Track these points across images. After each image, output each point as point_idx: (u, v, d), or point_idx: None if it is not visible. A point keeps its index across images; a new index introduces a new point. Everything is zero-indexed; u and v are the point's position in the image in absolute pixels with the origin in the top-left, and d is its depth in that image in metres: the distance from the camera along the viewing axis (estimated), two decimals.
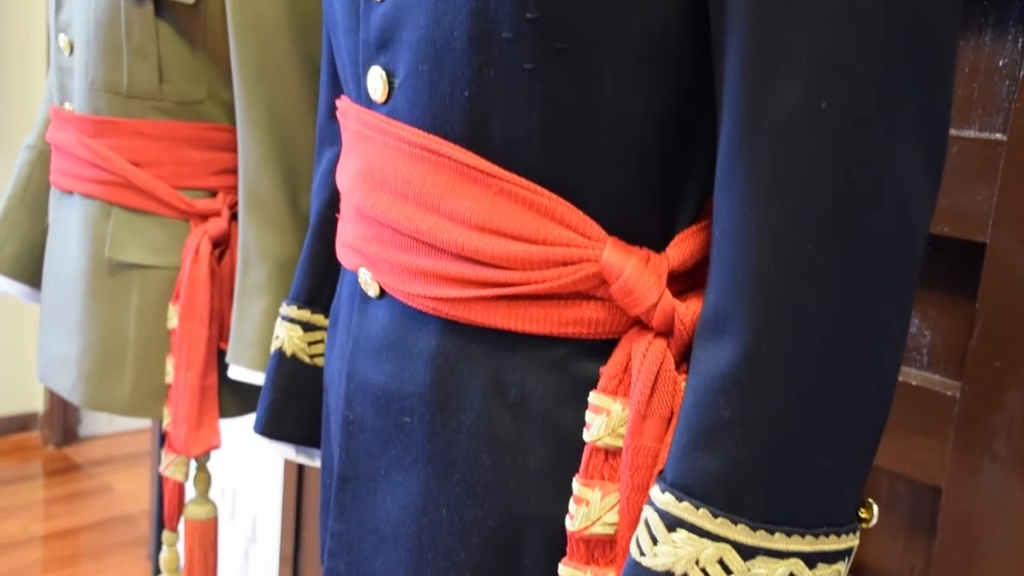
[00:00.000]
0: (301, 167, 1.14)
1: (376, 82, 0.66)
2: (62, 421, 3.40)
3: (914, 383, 0.93)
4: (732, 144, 0.54)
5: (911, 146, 0.54)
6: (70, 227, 1.27)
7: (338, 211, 0.88)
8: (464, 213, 0.62)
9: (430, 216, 0.63)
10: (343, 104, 0.73)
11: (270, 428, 0.92)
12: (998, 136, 0.87)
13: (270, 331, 1.14)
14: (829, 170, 0.52)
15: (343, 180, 0.71)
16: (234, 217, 1.23)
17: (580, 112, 0.59)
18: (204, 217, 1.22)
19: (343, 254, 0.73)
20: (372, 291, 0.70)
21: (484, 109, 0.60)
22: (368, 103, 0.67)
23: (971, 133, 0.89)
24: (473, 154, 0.61)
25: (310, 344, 0.91)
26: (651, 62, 0.58)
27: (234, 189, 1.23)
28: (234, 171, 1.22)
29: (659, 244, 0.63)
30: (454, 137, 0.62)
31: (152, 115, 1.19)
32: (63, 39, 1.24)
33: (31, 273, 1.44)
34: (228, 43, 1.16)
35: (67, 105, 1.26)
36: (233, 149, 1.21)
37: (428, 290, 0.64)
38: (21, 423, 3.46)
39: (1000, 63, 0.88)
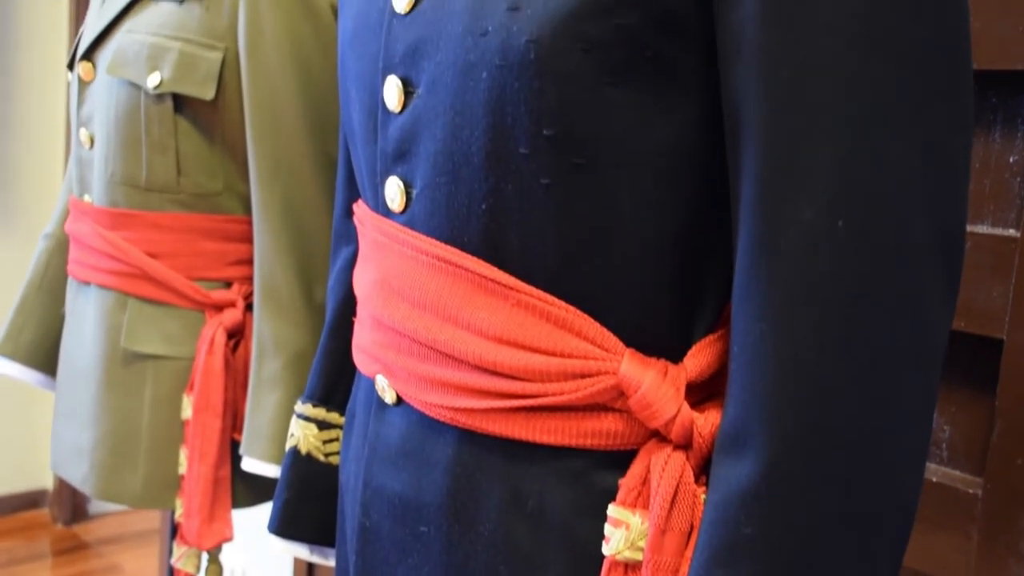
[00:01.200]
0: (316, 259, 1.15)
1: (394, 192, 0.66)
2: (71, 499, 3.37)
3: (935, 479, 0.92)
4: (749, 261, 0.54)
5: (928, 259, 0.54)
6: (86, 317, 1.28)
7: (354, 311, 0.88)
8: (482, 324, 0.62)
9: (448, 327, 0.63)
10: (360, 211, 0.73)
11: (284, 528, 0.92)
12: (1011, 232, 0.87)
13: (284, 423, 1.14)
14: (846, 288, 0.52)
15: (360, 287, 0.72)
16: (249, 308, 1.24)
17: (597, 226, 0.59)
18: (219, 308, 1.23)
19: (360, 359, 0.73)
20: (389, 398, 0.69)
21: (501, 222, 0.61)
22: (385, 212, 0.68)
23: (984, 228, 0.89)
24: (490, 266, 0.62)
25: (325, 443, 0.90)
26: (667, 177, 0.59)
27: (249, 280, 1.24)
28: (249, 262, 1.23)
29: (677, 353, 0.63)
30: (471, 248, 0.62)
31: (169, 207, 1.20)
32: (84, 133, 1.26)
33: (47, 361, 1.45)
34: (245, 137, 1.17)
35: (86, 197, 1.27)
36: (249, 240, 1.23)
37: (446, 400, 0.64)
38: (30, 500, 3.44)
39: (1011, 160, 0.88)
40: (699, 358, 0.62)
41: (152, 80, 1.15)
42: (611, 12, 0.55)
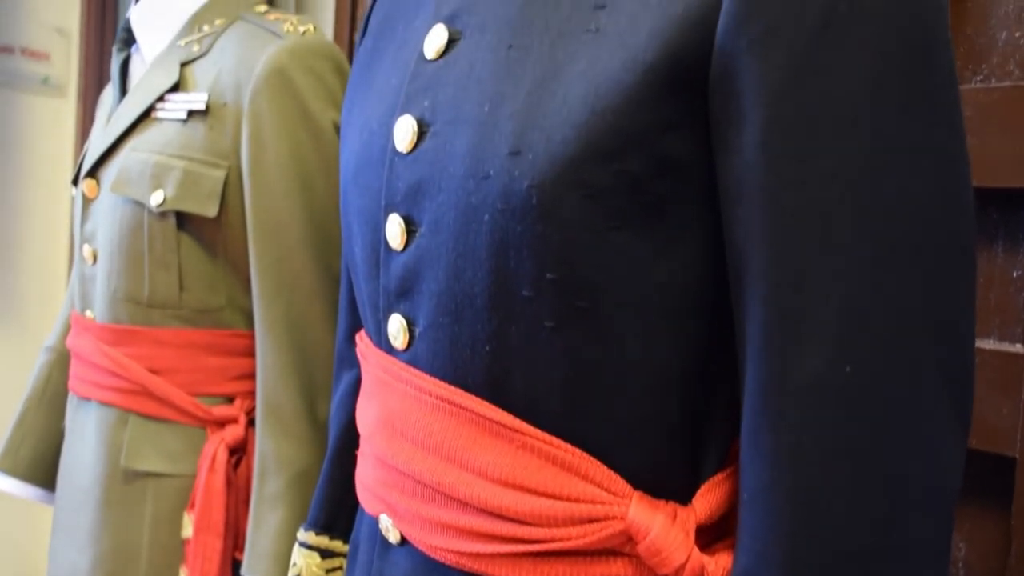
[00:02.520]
0: (319, 376, 1.14)
1: (396, 329, 0.66)
2: None
3: None
4: (757, 407, 0.54)
5: (938, 399, 0.53)
6: (86, 434, 1.27)
7: (356, 437, 0.87)
8: (487, 467, 0.61)
9: (452, 469, 0.62)
10: (363, 344, 0.73)
11: None
12: (1017, 348, 0.87)
13: (286, 542, 1.12)
14: (857, 435, 0.52)
15: (363, 424, 0.71)
16: (251, 423, 1.22)
17: (602, 368, 0.59)
18: (221, 424, 1.21)
19: (363, 496, 0.72)
20: (393, 538, 0.68)
21: (505, 364, 0.60)
22: (388, 348, 0.68)
23: (990, 344, 0.89)
24: (495, 407, 0.61)
25: (328, 572, 0.88)
26: (672, 317, 0.59)
27: (252, 394, 1.23)
28: (252, 376, 1.22)
29: (685, 493, 0.62)
30: (476, 389, 0.62)
31: (172, 323, 1.20)
32: (87, 249, 1.27)
33: (46, 476, 1.43)
34: (248, 252, 1.18)
35: (88, 313, 1.27)
36: (251, 354, 1.22)
37: (451, 543, 0.63)
38: None
39: (1014, 275, 0.88)
40: (708, 499, 0.61)
41: (155, 198, 1.16)
42: (612, 158, 0.56)
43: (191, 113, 1.18)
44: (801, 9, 0.52)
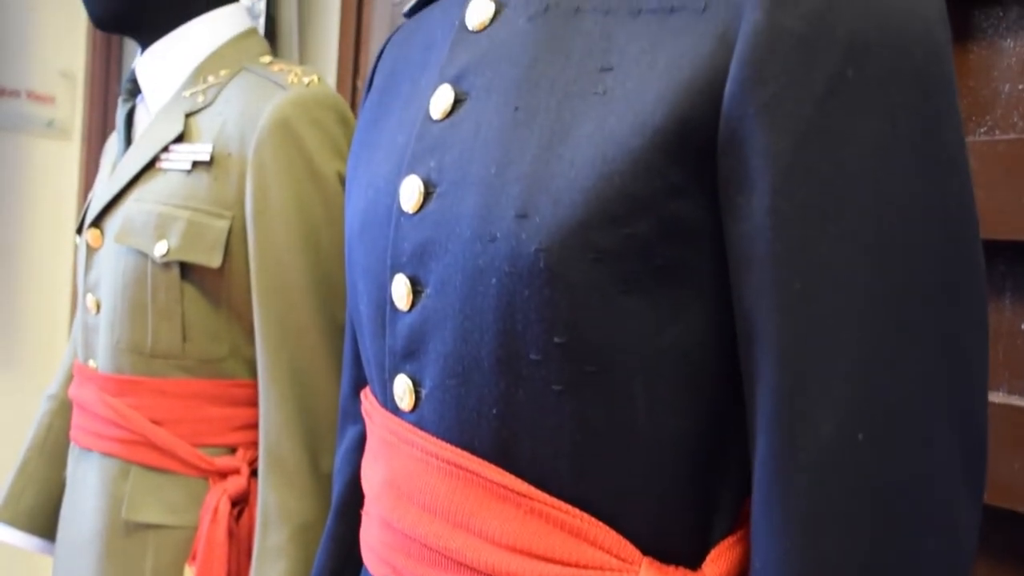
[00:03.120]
0: (323, 428, 1.14)
1: (403, 390, 0.65)
2: None
3: None
4: (768, 476, 0.53)
5: (951, 463, 0.53)
6: (87, 485, 1.26)
7: (361, 492, 0.86)
8: (494, 532, 0.60)
9: (459, 533, 0.61)
10: (368, 403, 0.72)
11: None
12: None
13: None
14: (870, 503, 0.51)
15: (368, 485, 0.70)
16: (253, 474, 1.21)
17: (611, 432, 0.58)
18: (223, 475, 1.20)
19: (368, 558, 0.71)
20: None
21: (513, 427, 0.60)
22: (394, 409, 0.67)
23: (999, 398, 0.88)
24: (502, 471, 0.60)
25: None
26: (681, 382, 0.58)
27: (254, 445, 1.22)
28: (254, 426, 1.22)
29: (695, 558, 0.61)
30: (483, 453, 0.61)
31: (174, 374, 1.20)
32: (90, 299, 1.26)
33: (47, 526, 1.42)
34: (251, 302, 1.17)
35: (91, 363, 1.27)
36: (254, 404, 1.21)
37: None
38: None
39: (1022, 326, 0.88)
40: (719, 564, 0.60)
41: (159, 249, 1.16)
42: (621, 222, 0.55)
43: (195, 164, 1.18)
44: (808, 75, 0.52)
